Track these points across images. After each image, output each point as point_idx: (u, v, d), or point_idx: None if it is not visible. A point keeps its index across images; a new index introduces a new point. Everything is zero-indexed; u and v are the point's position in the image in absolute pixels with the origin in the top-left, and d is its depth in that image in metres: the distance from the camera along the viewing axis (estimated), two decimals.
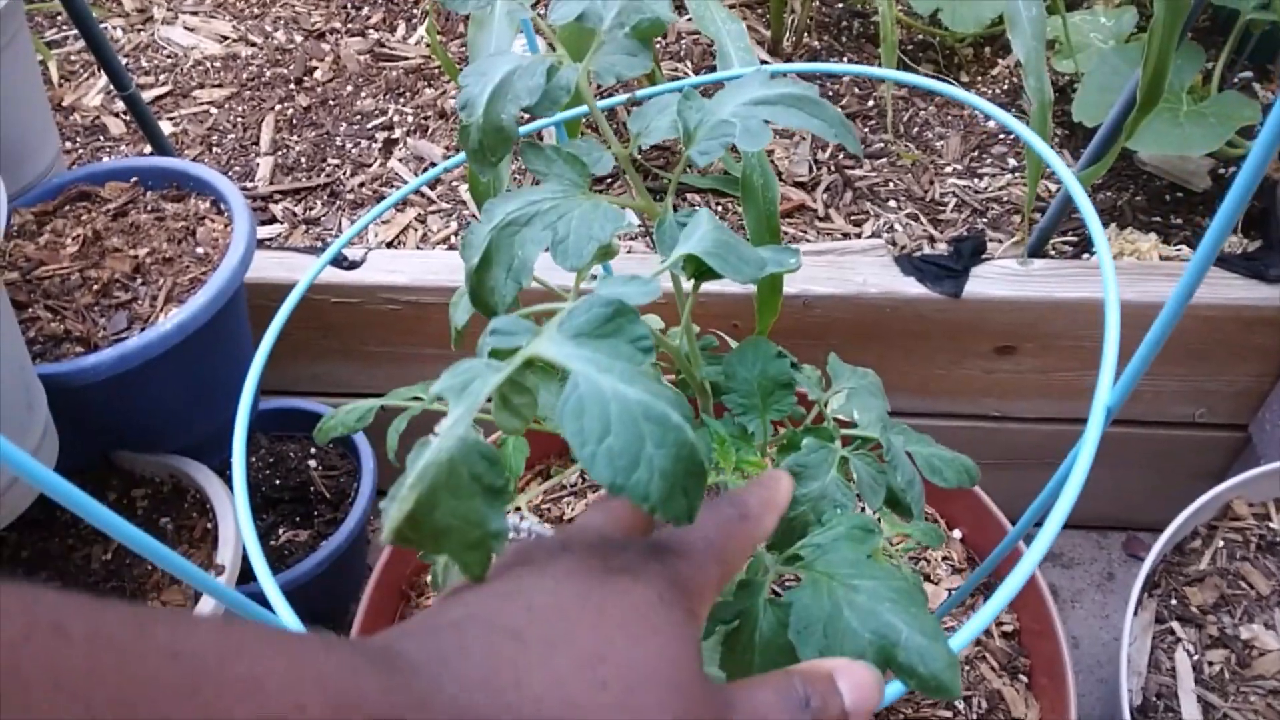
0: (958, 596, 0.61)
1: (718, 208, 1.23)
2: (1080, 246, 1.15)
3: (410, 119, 1.39)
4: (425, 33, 1.51)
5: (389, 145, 1.35)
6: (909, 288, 1.08)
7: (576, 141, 0.47)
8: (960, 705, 0.87)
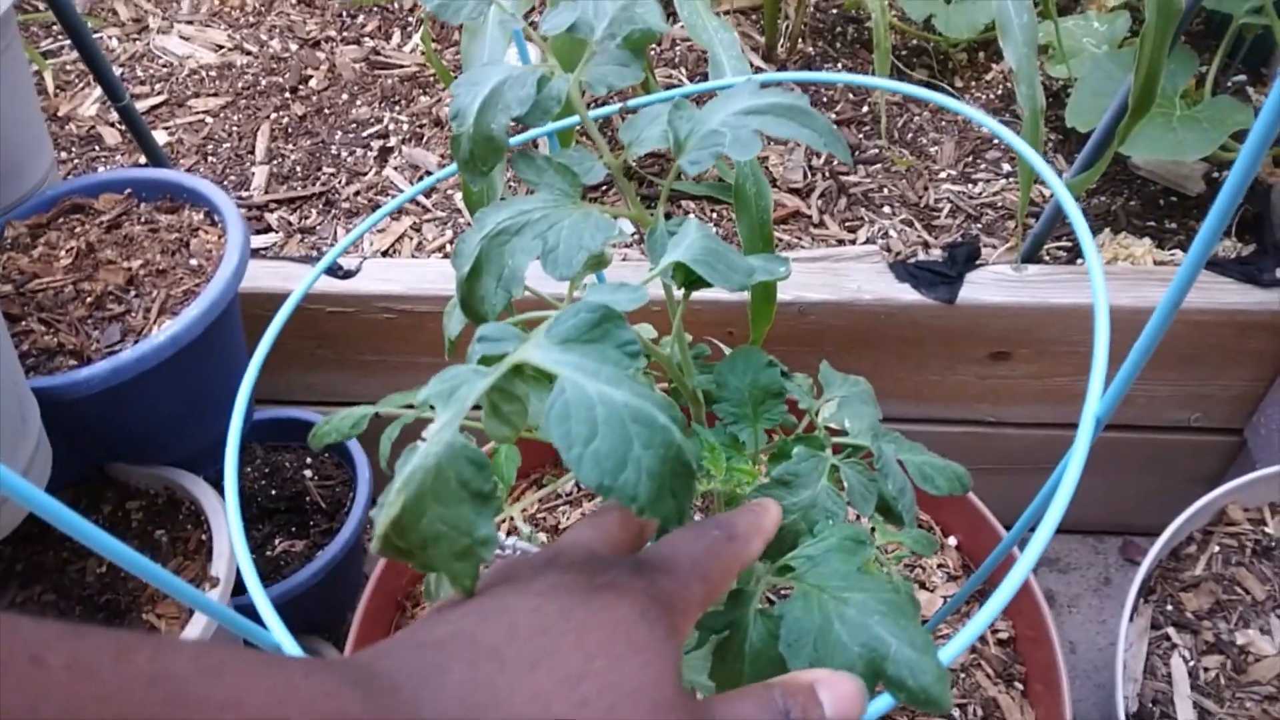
0: (952, 604, 0.61)
1: (713, 215, 1.23)
2: (1074, 252, 1.15)
3: (405, 127, 1.39)
4: (420, 41, 1.52)
5: (384, 153, 1.35)
6: (903, 294, 1.08)
7: (568, 151, 0.47)
8: (956, 713, 0.87)
